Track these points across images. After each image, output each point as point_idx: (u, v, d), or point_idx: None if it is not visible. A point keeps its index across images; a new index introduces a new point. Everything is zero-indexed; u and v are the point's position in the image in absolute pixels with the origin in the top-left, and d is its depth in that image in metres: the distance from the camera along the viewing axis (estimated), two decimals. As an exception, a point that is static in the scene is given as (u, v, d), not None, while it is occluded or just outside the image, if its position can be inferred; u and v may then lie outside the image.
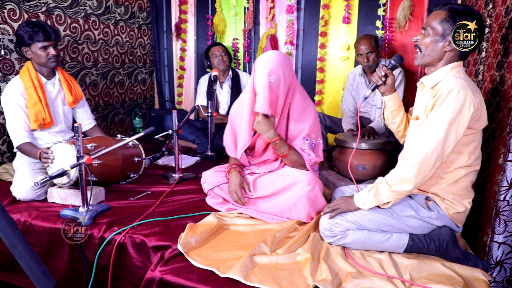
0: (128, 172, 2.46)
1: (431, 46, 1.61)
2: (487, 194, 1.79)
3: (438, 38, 1.59)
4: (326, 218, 1.76)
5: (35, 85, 2.33)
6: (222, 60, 3.60)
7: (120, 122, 3.95)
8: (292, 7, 3.69)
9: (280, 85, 1.97)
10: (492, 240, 1.66)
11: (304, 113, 2.10)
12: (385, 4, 3.38)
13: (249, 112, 2.08)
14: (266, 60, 1.96)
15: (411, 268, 1.58)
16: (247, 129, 2.12)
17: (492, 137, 1.81)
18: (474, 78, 2.22)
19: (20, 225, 1.92)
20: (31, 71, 2.35)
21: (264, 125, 2.01)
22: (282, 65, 1.97)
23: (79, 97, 2.60)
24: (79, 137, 1.87)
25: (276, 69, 1.94)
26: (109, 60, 3.66)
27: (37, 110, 2.32)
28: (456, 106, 1.49)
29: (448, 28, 1.56)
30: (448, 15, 1.56)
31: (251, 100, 2.06)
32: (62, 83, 2.51)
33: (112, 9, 3.61)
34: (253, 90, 2.04)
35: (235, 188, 2.08)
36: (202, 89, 3.80)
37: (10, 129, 2.32)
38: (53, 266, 1.89)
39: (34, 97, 2.31)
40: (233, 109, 2.26)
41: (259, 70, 1.97)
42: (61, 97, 2.52)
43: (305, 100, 2.13)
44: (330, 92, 3.74)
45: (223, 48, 3.66)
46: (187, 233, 1.77)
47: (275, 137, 2.03)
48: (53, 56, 2.34)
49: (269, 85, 1.93)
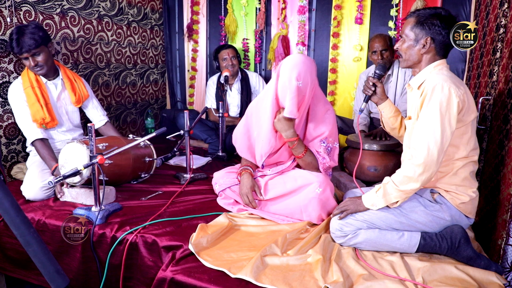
0: (139, 172, 2.48)
1: (408, 51, 1.73)
2: (501, 196, 1.76)
3: (413, 43, 1.71)
4: (336, 219, 1.76)
5: (33, 85, 2.34)
6: (231, 65, 3.52)
7: (132, 123, 3.99)
8: (304, 8, 3.68)
9: (307, 89, 1.95)
10: (507, 243, 1.63)
11: (324, 117, 2.10)
12: (397, 5, 3.35)
13: (271, 115, 2.04)
14: (294, 64, 1.92)
15: (423, 270, 1.57)
16: (271, 132, 2.08)
17: (506, 138, 1.78)
18: (489, 79, 2.18)
19: (34, 224, 1.95)
20: (29, 72, 2.37)
21: (285, 124, 1.99)
22: (310, 68, 1.95)
23: (84, 96, 2.60)
24: (92, 137, 1.89)
25: (304, 73, 1.91)
26: (122, 60, 3.70)
27: (35, 110, 2.32)
28: (443, 100, 1.56)
29: (419, 33, 1.68)
30: (416, 21, 1.69)
31: (274, 103, 2.02)
32: (66, 83, 2.52)
33: (125, 10, 3.64)
34: (276, 93, 2.00)
35: (246, 191, 2.08)
36: (211, 91, 3.75)
37: (23, 126, 2.34)
38: (66, 265, 1.91)
39: (32, 97, 2.32)
40: (250, 110, 2.22)
41: (286, 74, 1.92)
42: (64, 97, 2.54)
43: (325, 104, 2.13)
44: (342, 93, 3.72)
45: (233, 51, 3.57)
46: (198, 233, 1.78)
47: (294, 137, 2.02)
48: (35, 65, 2.31)
49: (297, 89, 1.91)
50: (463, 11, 3.13)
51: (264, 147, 2.11)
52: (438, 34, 1.65)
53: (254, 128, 2.18)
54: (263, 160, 2.13)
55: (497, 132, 1.95)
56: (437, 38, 1.66)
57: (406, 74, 3.00)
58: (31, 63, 2.30)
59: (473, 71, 2.74)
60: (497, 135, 1.94)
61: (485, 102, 2.15)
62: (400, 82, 3.02)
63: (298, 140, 2.04)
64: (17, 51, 2.26)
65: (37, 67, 2.32)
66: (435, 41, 1.66)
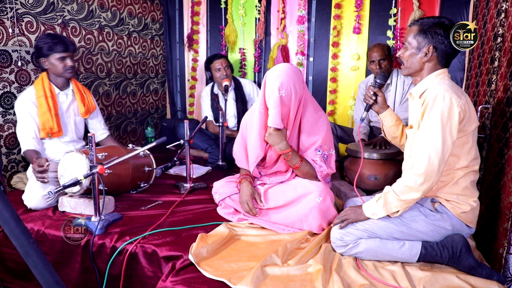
0: (138, 182, 2.47)
1: (410, 59, 1.73)
2: (502, 205, 1.76)
3: (415, 51, 1.70)
4: (337, 228, 1.75)
5: (47, 95, 2.39)
6: (226, 75, 3.47)
7: (133, 132, 3.99)
8: (303, 18, 3.72)
9: (292, 98, 1.96)
10: (509, 253, 1.62)
11: (316, 125, 2.10)
12: (395, 14, 3.38)
13: (260, 125, 2.08)
14: (276, 74, 1.94)
15: (425, 280, 1.56)
16: (259, 142, 2.11)
17: (506, 147, 1.78)
18: (487, 87, 2.19)
19: (33, 234, 1.94)
20: (45, 81, 2.42)
21: (276, 137, 2.00)
22: (293, 79, 1.95)
23: (92, 108, 2.65)
24: (92, 146, 1.90)
25: (287, 83, 1.92)
26: (122, 70, 3.72)
27: (45, 119, 2.37)
28: (445, 110, 1.56)
29: (421, 41, 1.68)
30: (419, 29, 1.68)
31: (262, 113, 2.06)
32: (76, 94, 2.56)
33: (126, 21, 3.67)
34: (264, 103, 2.03)
35: (246, 198, 2.08)
36: (206, 103, 3.68)
37: (19, 136, 2.38)
38: (66, 275, 1.90)
39: (44, 106, 2.37)
40: (244, 121, 2.26)
41: (269, 84, 1.95)
42: (73, 108, 2.58)
43: (317, 112, 2.12)
44: (342, 102, 3.74)
45: (226, 61, 3.52)
46: (198, 243, 1.77)
47: (287, 149, 2.03)
48: (70, 67, 2.43)
49: (280, 99, 1.93)
50: (460, 19, 3.16)
51: (251, 156, 2.15)
52: (441, 43, 1.65)
53: (248, 138, 2.20)
54: (251, 169, 2.15)
55: (496, 141, 1.95)
56: (439, 47, 1.66)
57: (405, 83, 3.02)
58: (68, 63, 2.42)
59: (472, 79, 2.75)
60: (496, 143, 1.95)
61: (484, 110, 2.15)
62: (399, 91, 3.03)
63: (292, 151, 2.04)
64: (61, 49, 2.39)
65: (70, 68, 2.44)
66: (437, 50, 1.67)
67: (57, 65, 2.41)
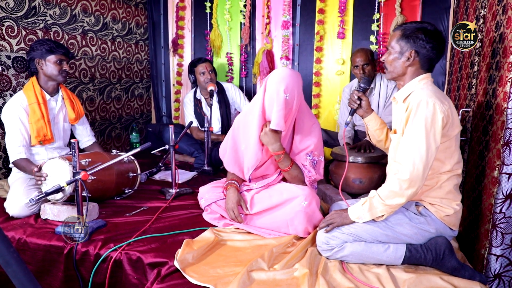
0: (123, 188, 2.45)
1: (393, 63, 1.75)
2: (483, 206, 1.79)
3: (398, 55, 1.73)
4: (323, 232, 1.76)
5: (39, 101, 2.35)
6: (210, 79, 3.44)
7: (117, 137, 3.95)
8: (287, 23, 3.74)
9: (294, 102, 1.98)
10: (490, 253, 1.65)
11: (310, 130, 2.12)
12: (378, 20, 3.44)
13: (258, 128, 2.06)
14: (282, 77, 1.95)
15: (409, 282, 1.57)
16: (259, 145, 2.09)
17: (486, 149, 1.82)
18: (468, 91, 2.24)
19: (14, 243, 1.90)
20: (35, 87, 2.38)
21: (271, 137, 2.00)
22: (297, 83, 1.98)
23: (81, 115, 2.63)
24: (75, 152, 1.87)
25: (292, 86, 1.95)
26: (106, 75, 3.68)
27: (39, 126, 2.34)
28: (428, 116, 1.57)
29: (404, 45, 1.70)
30: (402, 34, 1.71)
31: (261, 116, 2.04)
32: (65, 100, 2.54)
33: (109, 26, 3.64)
34: (263, 106, 2.02)
35: (232, 206, 2.07)
36: (189, 109, 3.64)
37: (8, 144, 2.31)
38: (48, 285, 1.86)
39: (37, 113, 2.33)
40: (237, 123, 2.22)
41: (273, 87, 1.95)
42: (62, 114, 2.54)
43: (311, 118, 2.15)
44: (327, 106, 3.77)
45: (210, 65, 3.51)
46: (183, 249, 1.76)
47: (280, 150, 2.03)
48: (65, 71, 2.44)
49: (285, 102, 1.94)
50: (441, 25, 3.23)
51: (250, 160, 2.12)
52: (423, 47, 1.67)
53: (242, 141, 2.18)
54: (249, 173, 2.13)
55: (477, 143, 1.99)
56: (421, 51, 1.68)
57: (388, 87, 3.06)
58: (64, 66, 2.44)
59: (453, 83, 2.81)
60: (477, 146, 1.99)
61: (465, 114, 2.20)
62: (382, 95, 3.08)
63: (284, 153, 2.05)
64: (61, 52, 2.42)
65: (65, 72, 2.45)
66: (419, 54, 1.69)
67: (53, 68, 2.38)
